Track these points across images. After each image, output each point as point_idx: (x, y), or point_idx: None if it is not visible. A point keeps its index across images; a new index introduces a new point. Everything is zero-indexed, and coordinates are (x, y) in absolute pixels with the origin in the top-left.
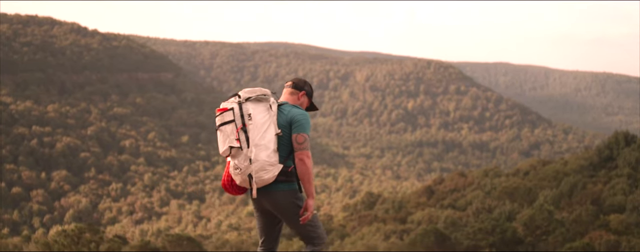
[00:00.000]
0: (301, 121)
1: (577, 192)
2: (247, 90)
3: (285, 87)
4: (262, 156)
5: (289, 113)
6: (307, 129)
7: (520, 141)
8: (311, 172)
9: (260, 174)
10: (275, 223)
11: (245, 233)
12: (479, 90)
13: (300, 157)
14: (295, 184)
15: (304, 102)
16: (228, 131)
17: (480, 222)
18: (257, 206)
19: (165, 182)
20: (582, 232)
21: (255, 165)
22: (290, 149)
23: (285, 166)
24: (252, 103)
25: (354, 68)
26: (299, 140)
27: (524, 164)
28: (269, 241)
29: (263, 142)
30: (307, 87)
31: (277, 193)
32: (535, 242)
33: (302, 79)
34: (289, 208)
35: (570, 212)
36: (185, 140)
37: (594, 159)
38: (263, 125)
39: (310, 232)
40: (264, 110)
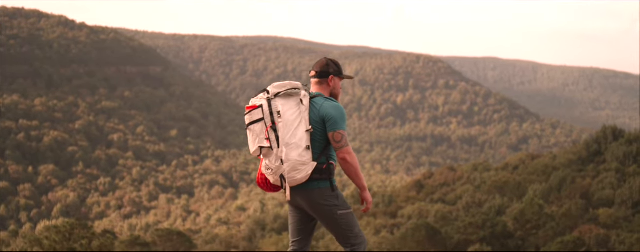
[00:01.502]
0: (334, 117)
1: (566, 187)
2: (276, 85)
3: (311, 78)
4: (293, 156)
5: (321, 108)
6: (342, 125)
7: (508, 136)
8: (357, 167)
9: (293, 175)
10: (309, 222)
11: (234, 228)
12: (468, 85)
13: (341, 156)
14: (332, 182)
15: (336, 84)
16: (257, 130)
17: (471, 216)
18: (293, 204)
19: (154, 177)
20: (572, 227)
21: (286, 165)
22: (324, 145)
23: (319, 163)
24: (281, 99)
25: (343, 62)
26: (336, 138)
27: (513, 158)
28: (301, 241)
29: (294, 140)
30: (332, 69)
31: (312, 191)
32: (526, 236)
33: (323, 61)
34: (324, 207)
35: (559, 206)
36: (174, 134)
37: (583, 154)
38: (294, 122)
39: (347, 231)
40: (294, 106)
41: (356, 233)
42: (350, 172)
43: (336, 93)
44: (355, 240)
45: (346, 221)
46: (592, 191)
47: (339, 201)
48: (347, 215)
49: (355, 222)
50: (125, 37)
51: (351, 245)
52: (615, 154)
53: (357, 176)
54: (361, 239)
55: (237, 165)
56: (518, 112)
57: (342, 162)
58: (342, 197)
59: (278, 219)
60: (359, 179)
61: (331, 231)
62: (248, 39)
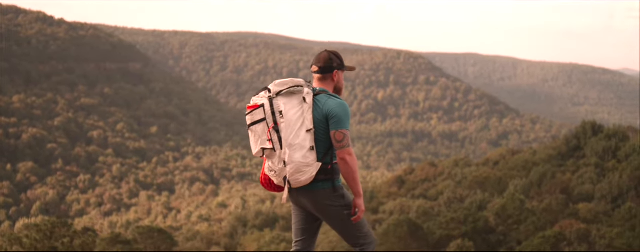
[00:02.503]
0: (338, 116)
1: (546, 182)
2: (278, 83)
3: (313, 74)
4: (296, 157)
5: (324, 106)
6: (345, 124)
7: (488, 131)
8: (356, 170)
9: (297, 177)
10: (314, 223)
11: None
12: (448, 81)
13: (341, 156)
14: (337, 182)
15: (340, 78)
16: (259, 130)
17: (453, 212)
18: (296, 204)
19: (134, 174)
20: (553, 221)
21: (290, 167)
22: (329, 144)
23: (324, 163)
24: (283, 97)
25: None
26: (337, 138)
27: (494, 153)
28: (305, 241)
29: (297, 141)
30: (335, 63)
31: (317, 192)
32: (507, 231)
33: (325, 55)
34: (330, 208)
35: (540, 201)
36: (154, 131)
37: (563, 149)
38: (296, 122)
39: (356, 232)
40: (297, 105)
41: (365, 233)
42: (347, 175)
43: (340, 87)
44: (364, 240)
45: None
46: (572, 185)
47: (345, 200)
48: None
49: (363, 222)
50: (105, 34)
51: (360, 245)
52: (594, 149)
53: (354, 180)
54: (370, 239)
55: (218, 161)
56: (498, 107)
57: (342, 163)
58: (348, 197)
59: (259, 215)
60: (355, 183)
61: (339, 232)
62: (228, 35)
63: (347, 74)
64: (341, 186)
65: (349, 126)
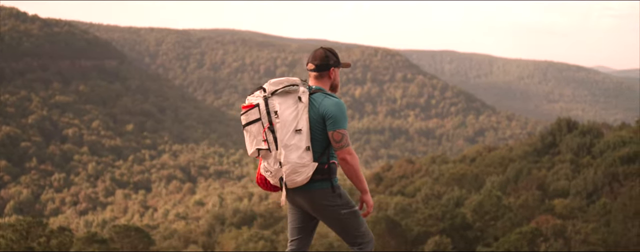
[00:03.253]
0: (335, 116)
1: (522, 178)
2: (273, 82)
3: (309, 72)
4: (292, 158)
5: (320, 105)
6: (343, 123)
7: (465, 128)
8: (358, 168)
9: (293, 177)
10: (310, 222)
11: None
12: (425, 78)
13: (341, 156)
14: (334, 181)
15: (337, 76)
16: (254, 131)
17: (430, 208)
18: (292, 203)
19: (110, 172)
20: (529, 217)
21: (286, 168)
22: (325, 144)
23: (320, 163)
24: (279, 97)
25: (301, 55)
26: (336, 138)
27: (470, 150)
28: (301, 240)
29: (293, 141)
30: (332, 60)
31: (313, 192)
32: (484, 227)
33: (321, 52)
34: (327, 207)
35: (516, 197)
36: (131, 128)
37: (538, 145)
38: (292, 122)
39: (353, 231)
40: (292, 104)
41: (363, 232)
42: (350, 173)
43: (336, 84)
44: (362, 239)
45: (352, 221)
46: (548, 181)
47: (342, 200)
48: (352, 214)
49: (361, 221)
50: (80, 30)
51: (358, 244)
52: (569, 145)
53: (358, 177)
54: (368, 238)
55: (195, 159)
56: (474, 104)
57: (342, 163)
58: (345, 196)
59: (237, 213)
60: (359, 181)
61: (336, 232)
62: (205, 32)
63: None
64: (338, 185)
65: (347, 126)
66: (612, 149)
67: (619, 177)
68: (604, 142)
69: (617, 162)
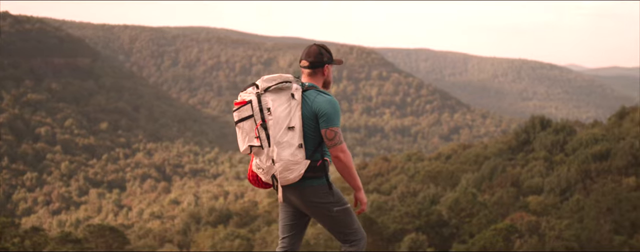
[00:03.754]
0: (328, 113)
1: (497, 175)
2: (266, 79)
3: (302, 69)
4: (285, 155)
5: (313, 102)
6: (336, 121)
7: (440, 126)
8: (351, 166)
9: (285, 175)
10: (302, 218)
11: (168, 221)
12: (401, 76)
13: (334, 154)
14: (326, 179)
15: (330, 73)
16: (247, 127)
17: (406, 206)
18: (284, 200)
19: (84, 171)
20: (504, 214)
21: (278, 165)
22: (318, 141)
23: (313, 160)
24: (272, 93)
25: (276, 53)
26: (328, 136)
27: (446, 148)
28: (292, 237)
29: (285, 138)
30: (326, 57)
31: (305, 189)
32: (460, 224)
33: (315, 49)
34: (319, 205)
35: (491, 194)
36: (104, 127)
37: (512, 143)
38: (285, 119)
39: (345, 228)
40: (285, 101)
41: (355, 229)
42: (343, 171)
43: (329, 81)
44: (354, 237)
45: (343, 218)
46: (522, 179)
47: (335, 197)
48: (344, 211)
49: (353, 218)
50: (52, 27)
51: (350, 242)
52: (543, 143)
53: (351, 175)
54: (360, 235)
55: (170, 158)
56: (449, 102)
57: (335, 161)
58: (338, 193)
59: (213, 212)
60: (353, 178)
61: (328, 229)
62: (180, 30)
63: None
64: (331, 182)
65: (340, 123)
66: (584, 146)
67: (591, 174)
68: (577, 140)
69: (589, 160)
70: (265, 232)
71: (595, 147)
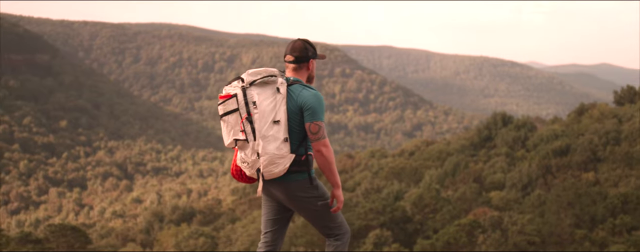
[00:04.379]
0: (313, 107)
1: (460, 171)
2: (251, 72)
3: (287, 63)
4: (270, 149)
5: (298, 97)
6: (320, 115)
7: (403, 122)
8: (332, 161)
9: (270, 169)
10: (286, 212)
11: (131, 220)
12: (364, 73)
13: (317, 148)
14: (310, 173)
15: (314, 68)
16: (232, 121)
17: (371, 202)
18: (267, 195)
19: (43, 170)
20: (467, 209)
21: (263, 159)
22: (302, 135)
23: (297, 154)
24: (257, 87)
25: (240, 50)
26: (312, 129)
27: (409, 144)
28: (275, 232)
29: (271, 132)
30: (310, 52)
31: (290, 184)
32: (424, 220)
33: (300, 44)
34: (303, 199)
35: (454, 190)
36: (64, 125)
37: (475, 139)
38: (270, 113)
39: (329, 222)
40: (270, 95)
41: (339, 223)
42: (324, 166)
43: (313, 76)
44: (338, 230)
45: (327, 212)
46: (484, 174)
47: (319, 191)
48: (328, 205)
49: (337, 212)
50: (9, 23)
51: (334, 236)
52: (504, 139)
53: (332, 171)
54: (344, 229)
55: (132, 156)
56: (412, 99)
57: (317, 155)
58: (321, 188)
59: (176, 210)
60: (333, 175)
61: (312, 223)
62: (141, 26)
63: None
64: (315, 177)
65: (324, 118)
66: (545, 142)
67: (552, 170)
68: (538, 136)
69: (550, 155)
70: (229, 230)
71: (555, 143)
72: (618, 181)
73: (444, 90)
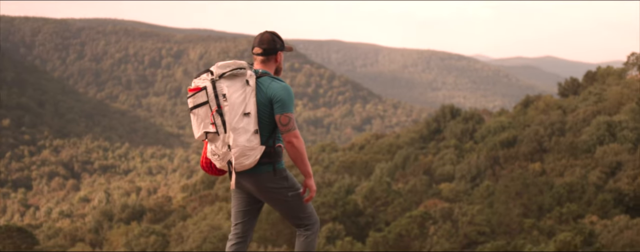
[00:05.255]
0: (282, 99)
1: (410, 164)
2: (220, 65)
3: (255, 55)
4: (241, 141)
5: (268, 89)
6: (290, 107)
7: (352, 116)
8: (303, 152)
9: (241, 160)
10: (256, 203)
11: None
12: (313, 68)
13: (288, 139)
14: (280, 164)
15: (281, 60)
16: (202, 114)
17: (322, 196)
18: (238, 186)
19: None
20: (418, 202)
21: (234, 151)
22: (272, 127)
23: (267, 146)
24: (226, 80)
25: (187, 46)
26: (283, 121)
27: (359, 138)
28: (245, 223)
29: (241, 124)
30: (278, 44)
31: (260, 175)
32: (376, 213)
33: (268, 36)
34: (274, 190)
35: (405, 183)
36: (7, 124)
37: (424, 132)
38: (240, 105)
39: (299, 212)
40: (240, 88)
41: (309, 213)
42: (296, 157)
43: (281, 68)
44: (308, 220)
45: (297, 203)
46: (434, 166)
47: (289, 182)
48: (298, 196)
49: (307, 203)
50: None
51: (304, 226)
52: (453, 131)
53: (303, 161)
54: (314, 219)
55: (78, 154)
56: (361, 93)
57: (289, 147)
58: (291, 179)
59: (125, 208)
60: (304, 165)
61: (282, 214)
62: (85, 22)
63: (211, 61)
64: (284, 168)
65: (294, 110)
66: (493, 134)
67: (500, 161)
68: (485, 128)
69: (497, 146)
70: (180, 227)
71: (502, 135)
72: (563, 170)
73: (392, 84)
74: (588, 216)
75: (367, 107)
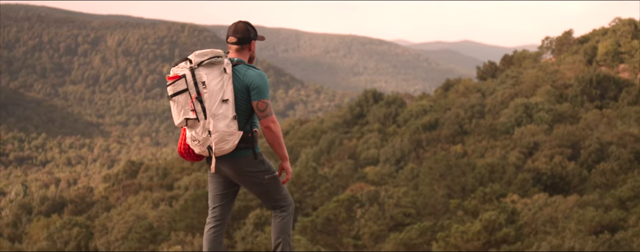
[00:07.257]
0: (259, 86)
1: (335, 148)
2: (198, 53)
3: (230, 44)
4: (220, 126)
5: (244, 76)
6: (266, 94)
7: (276, 102)
8: (280, 136)
9: (221, 146)
10: (232, 186)
11: None
12: None
13: (266, 124)
14: (256, 149)
15: (254, 49)
16: (182, 101)
17: None
18: (216, 171)
19: None
20: (344, 186)
21: (214, 136)
22: (249, 113)
23: (245, 132)
24: (205, 68)
25: (104, 32)
26: (260, 107)
27: (283, 124)
28: (222, 208)
29: (220, 111)
30: (252, 34)
31: (238, 160)
32: (303, 198)
33: (242, 26)
34: (251, 174)
35: (331, 167)
36: None
37: (347, 117)
38: (219, 92)
39: (275, 195)
40: (218, 75)
41: (284, 195)
42: (273, 141)
43: (253, 56)
44: (283, 202)
45: (273, 185)
46: (359, 150)
47: (265, 166)
48: (274, 178)
49: (281, 186)
50: None
51: (280, 208)
52: (376, 115)
53: (280, 145)
54: (289, 201)
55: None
56: (284, 79)
57: (266, 131)
58: (267, 162)
59: (45, 201)
60: (281, 148)
61: (259, 196)
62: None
63: (129, 48)
64: (261, 152)
65: (269, 96)
66: (415, 117)
67: (423, 144)
68: (408, 112)
69: (420, 130)
70: (104, 218)
71: (424, 118)
72: (484, 151)
73: (314, 69)
74: (509, 195)
75: (289, 92)
